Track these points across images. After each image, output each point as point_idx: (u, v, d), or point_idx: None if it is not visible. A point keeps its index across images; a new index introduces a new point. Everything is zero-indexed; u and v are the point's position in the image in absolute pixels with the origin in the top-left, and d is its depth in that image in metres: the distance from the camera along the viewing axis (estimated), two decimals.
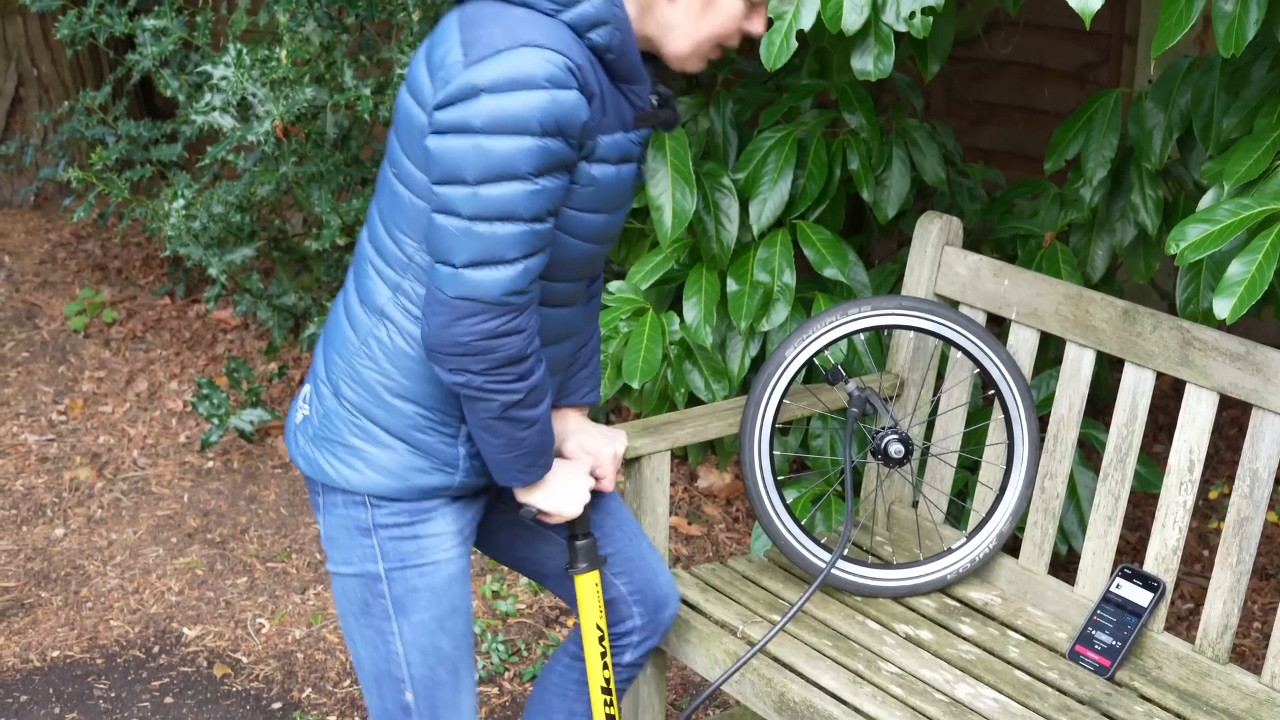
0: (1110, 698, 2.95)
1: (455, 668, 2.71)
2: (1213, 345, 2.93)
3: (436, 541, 2.62)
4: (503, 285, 2.35)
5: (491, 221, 2.33)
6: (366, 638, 2.67)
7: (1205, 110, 3.44)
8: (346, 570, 2.65)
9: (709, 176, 3.84)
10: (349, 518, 2.62)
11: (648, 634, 3.00)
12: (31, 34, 7.37)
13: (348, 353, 2.58)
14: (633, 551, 2.94)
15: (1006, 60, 5.90)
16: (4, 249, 6.91)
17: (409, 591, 2.63)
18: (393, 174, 2.51)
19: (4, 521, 4.85)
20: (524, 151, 2.30)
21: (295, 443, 2.68)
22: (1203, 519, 4.68)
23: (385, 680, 2.69)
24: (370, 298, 2.56)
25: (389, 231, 2.52)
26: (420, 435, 2.56)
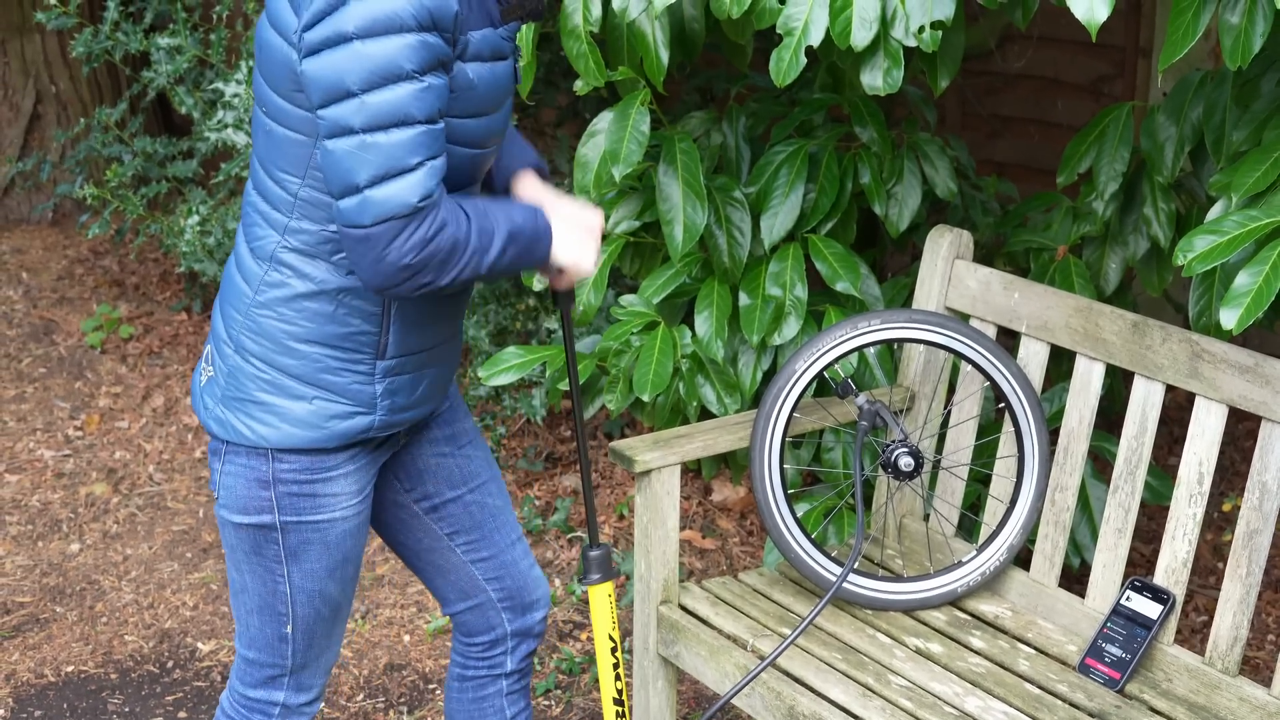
0: (1120, 710, 2.95)
1: (338, 605, 2.74)
2: (1222, 358, 2.93)
3: (334, 500, 2.62)
4: (413, 192, 2.30)
5: (388, 129, 2.27)
6: (255, 573, 2.68)
7: (1217, 123, 3.44)
8: (241, 519, 2.62)
9: (721, 191, 3.85)
10: (248, 467, 2.59)
11: (520, 639, 3.00)
12: (50, 51, 7.40)
13: (243, 305, 2.55)
14: (508, 556, 2.94)
15: (1021, 74, 5.90)
16: (22, 265, 6.94)
17: (302, 543, 2.63)
18: (263, 113, 2.46)
19: (20, 537, 4.87)
20: (405, 48, 2.25)
21: (204, 406, 2.64)
22: (1217, 531, 4.67)
23: (267, 611, 2.70)
24: (260, 245, 2.52)
25: (269, 173, 2.48)
26: (332, 378, 2.53)
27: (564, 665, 4.16)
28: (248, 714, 2.81)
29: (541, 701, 4.03)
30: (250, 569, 2.68)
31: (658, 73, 3.57)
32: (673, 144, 3.75)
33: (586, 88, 3.59)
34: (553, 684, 4.07)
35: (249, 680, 2.80)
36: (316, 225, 2.46)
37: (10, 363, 6.02)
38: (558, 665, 4.16)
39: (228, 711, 2.84)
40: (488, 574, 2.93)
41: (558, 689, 4.08)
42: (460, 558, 2.91)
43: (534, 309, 5.04)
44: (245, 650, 2.78)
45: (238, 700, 2.82)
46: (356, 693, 4.09)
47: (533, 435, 5.23)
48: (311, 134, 2.39)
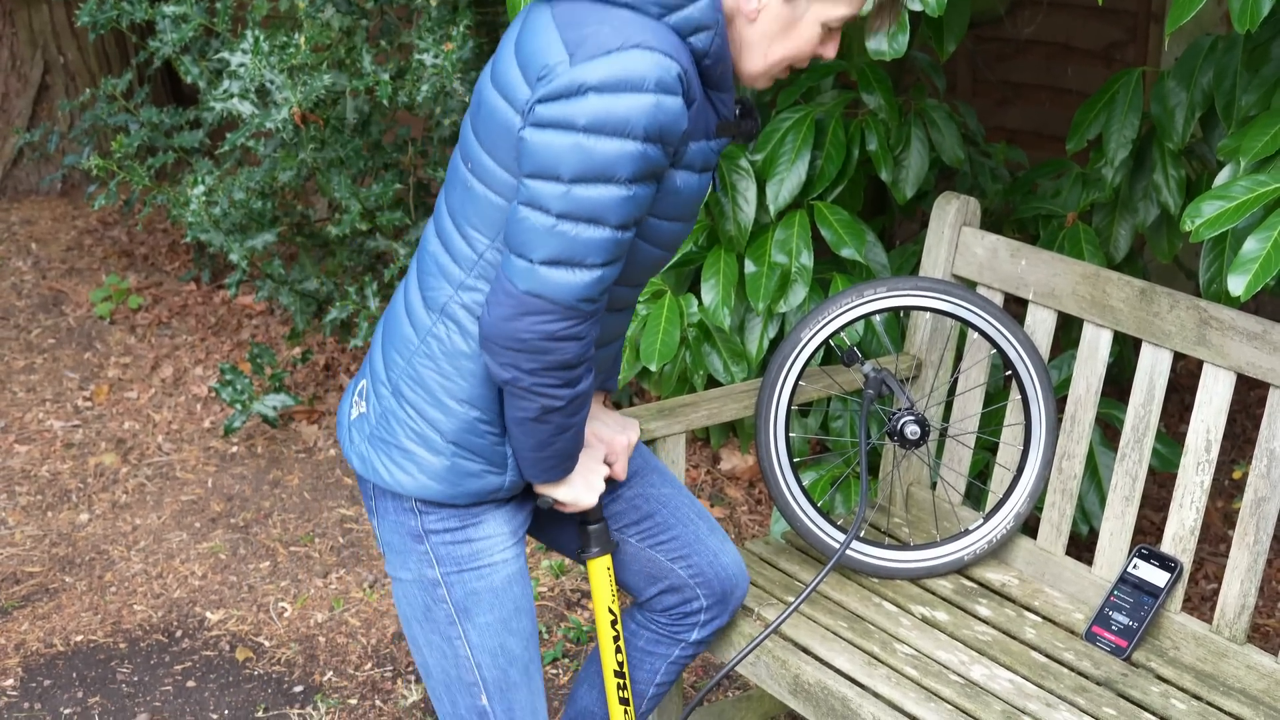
0: (1126, 678, 2.94)
1: (527, 669, 2.69)
2: (1230, 324, 2.91)
3: (489, 544, 2.60)
4: (576, 290, 2.32)
5: (579, 222, 2.29)
6: (432, 644, 2.65)
7: (1227, 88, 3.42)
8: (405, 576, 2.63)
9: (726, 158, 3.83)
10: (400, 524, 2.60)
11: (715, 614, 2.99)
12: (58, 21, 7.40)
13: (407, 352, 2.55)
14: (689, 535, 2.91)
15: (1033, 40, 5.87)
16: (31, 236, 6.94)
17: (469, 594, 2.60)
18: (467, 169, 2.46)
19: (29, 507, 4.87)
20: (625, 155, 2.27)
21: (349, 440, 2.65)
22: (1228, 498, 4.65)
23: (456, 686, 2.67)
24: (433, 296, 2.52)
25: (459, 228, 2.48)
26: (474, 439, 2.53)
27: (571, 634, 4.15)
28: None
29: (549, 670, 4.03)
30: (427, 640, 2.66)
31: None
32: None
33: None
34: (560, 653, 4.07)
35: None
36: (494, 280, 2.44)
37: (19, 333, 6.03)
38: (565, 634, 4.16)
39: None
40: (671, 555, 2.91)
41: (565, 658, 4.07)
42: (637, 545, 2.89)
43: None
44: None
45: None
46: (365, 661, 4.09)
47: None
48: (513, 198, 2.39)
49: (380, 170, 5.25)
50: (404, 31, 5.13)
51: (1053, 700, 2.85)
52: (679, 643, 3.01)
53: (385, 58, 5.03)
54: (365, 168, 5.13)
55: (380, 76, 4.65)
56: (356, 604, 4.33)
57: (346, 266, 5.46)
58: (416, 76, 4.61)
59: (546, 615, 4.26)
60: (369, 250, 5.38)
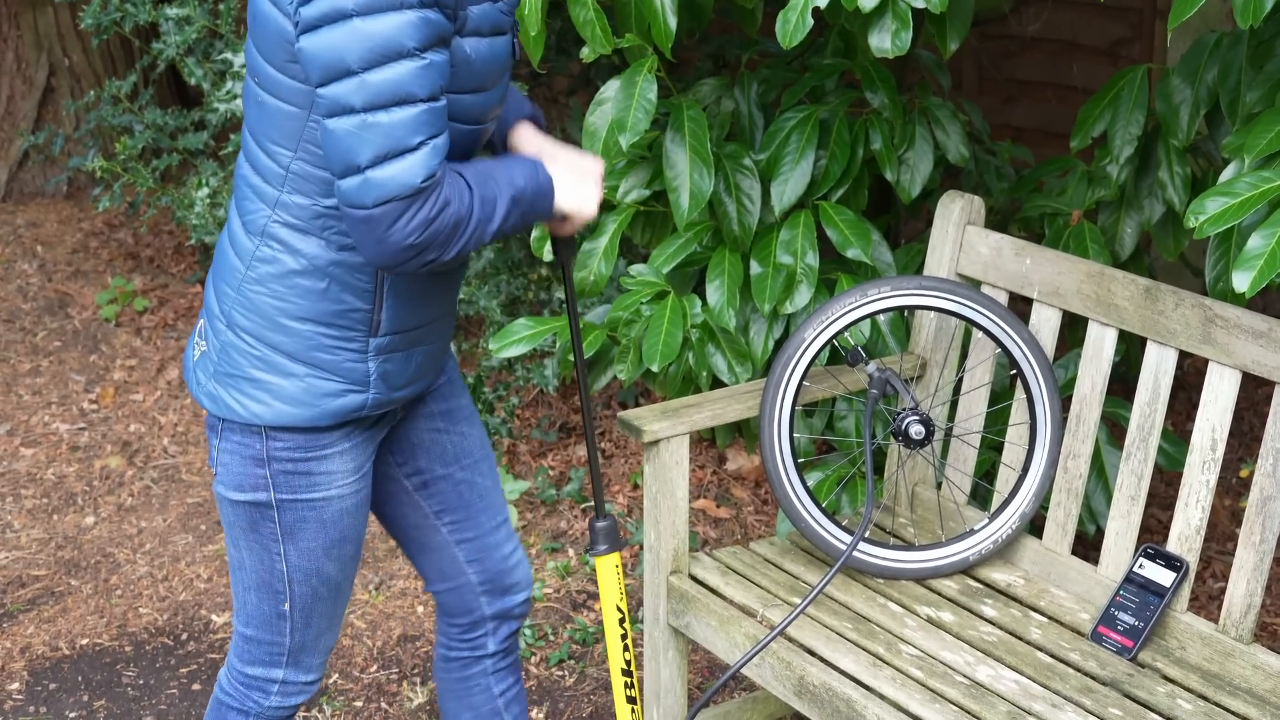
0: (1132, 679, 2.92)
1: (337, 585, 2.72)
2: (1235, 323, 2.90)
3: (329, 478, 2.60)
4: (415, 172, 2.26)
5: (389, 108, 2.24)
6: (253, 550, 2.66)
7: (1232, 85, 3.40)
8: (238, 497, 2.61)
9: (730, 158, 3.82)
10: (243, 445, 2.57)
11: (500, 621, 2.98)
12: (62, 24, 7.39)
13: (235, 280, 2.52)
14: (491, 539, 2.92)
15: (1038, 37, 5.85)
16: (36, 239, 6.94)
17: (298, 521, 2.61)
18: (255, 84, 2.42)
19: (35, 510, 4.87)
20: (406, 25, 2.22)
21: (196, 381, 2.62)
22: (1235, 497, 4.64)
23: (265, 589, 2.69)
24: (251, 219, 2.49)
25: (260, 145, 2.44)
26: (324, 355, 2.50)
27: (577, 635, 4.15)
28: (246, 691, 2.80)
29: (555, 672, 4.02)
30: (248, 546, 2.66)
31: (665, 39, 3.53)
32: (681, 111, 3.71)
33: (593, 55, 3.55)
34: (566, 654, 4.06)
35: (247, 657, 2.78)
36: (308, 199, 2.43)
37: (25, 336, 6.03)
38: (571, 635, 4.15)
39: (225, 688, 2.83)
40: (469, 556, 2.91)
41: (571, 659, 4.07)
42: (445, 537, 2.89)
43: (546, 279, 5.01)
44: (243, 628, 2.76)
45: (236, 677, 2.81)
46: (370, 664, 4.09)
47: (546, 405, 5.22)
48: (304, 106, 2.36)
49: None
50: None
51: (1058, 701, 2.84)
52: (481, 656, 3.01)
53: None
54: None
55: None
56: (361, 606, 4.33)
57: None
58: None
59: (552, 617, 4.25)
60: None
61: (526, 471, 4.91)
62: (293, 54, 2.31)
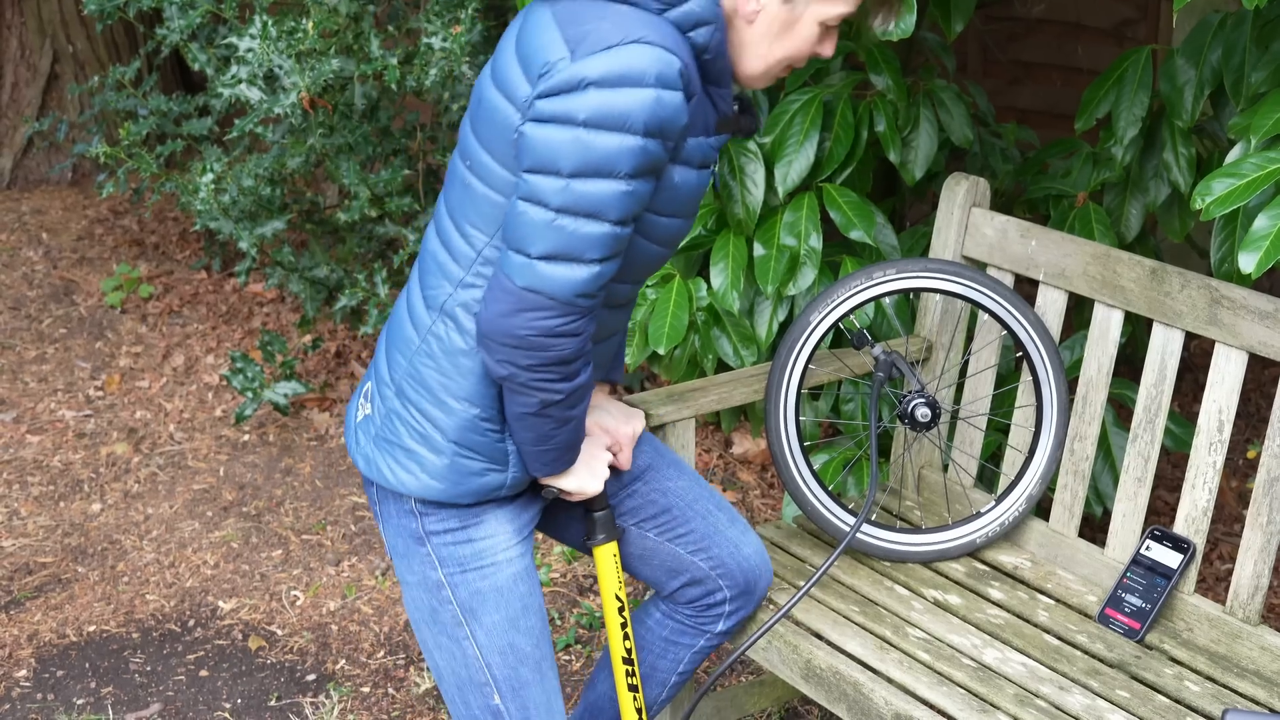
0: (1140, 660, 2.92)
1: (539, 666, 2.68)
2: (1241, 303, 2.89)
3: (492, 543, 2.60)
4: (575, 286, 2.32)
5: (578, 217, 2.29)
6: (441, 645, 2.65)
7: (1236, 65, 3.39)
8: (411, 579, 2.63)
9: (734, 141, 3.81)
10: (403, 527, 2.60)
11: (740, 605, 2.99)
12: (66, 10, 7.39)
13: (409, 351, 2.55)
14: (707, 528, 2.91)
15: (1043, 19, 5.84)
16: (42, 226, 6.94)
17: (474, 595, 2.60)
18: (465, 166, 2.47)
19: (42, 497, 4.87)
20: (625, 150, 2.27)
21: (355, 441, 2.65)
22: (1243, 478, 4.63)
23: (468, 687, 2.66)
24: (433, 294, 2.52)
25: (457, 225, 2.48)
26: (475, 436, 2.52)
27: (584, 620, 4.15)
28: None
29: (562, 656, 4.02)
30: (436, 642, 2.65)
31: None
32: None
33: None
34: (573, 639, 4.07)
35: None
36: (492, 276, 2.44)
37: (31, 323, 6.03)
38: (578, 620, 4.16)
39: None
40: (691, 548, 2.90)
41: (578, 644, 4.07)
42: (655, 540, 2.89)
43: None
44: None
45: None
46: (377, 650, 4.09)
47: None
48: (512, 195, 2.39)
49: (389, 156, 5.24)
50: (411, 16, 5.12)
51: (1066, 683, 2.84)
52: (704, 634, 3.01)
53: (393, 42, 5.02)
54: (374, 153, 5.12)
55: (388, 61, 4.64)
56: (369, 592, 4.33)
57: (356, 253, 5.45)
58: (425, 61, 4.60)
59: (559, 601, 4.25)
60: (379, 236, 5.36)
61: None
62: (513, 145, 2.35)
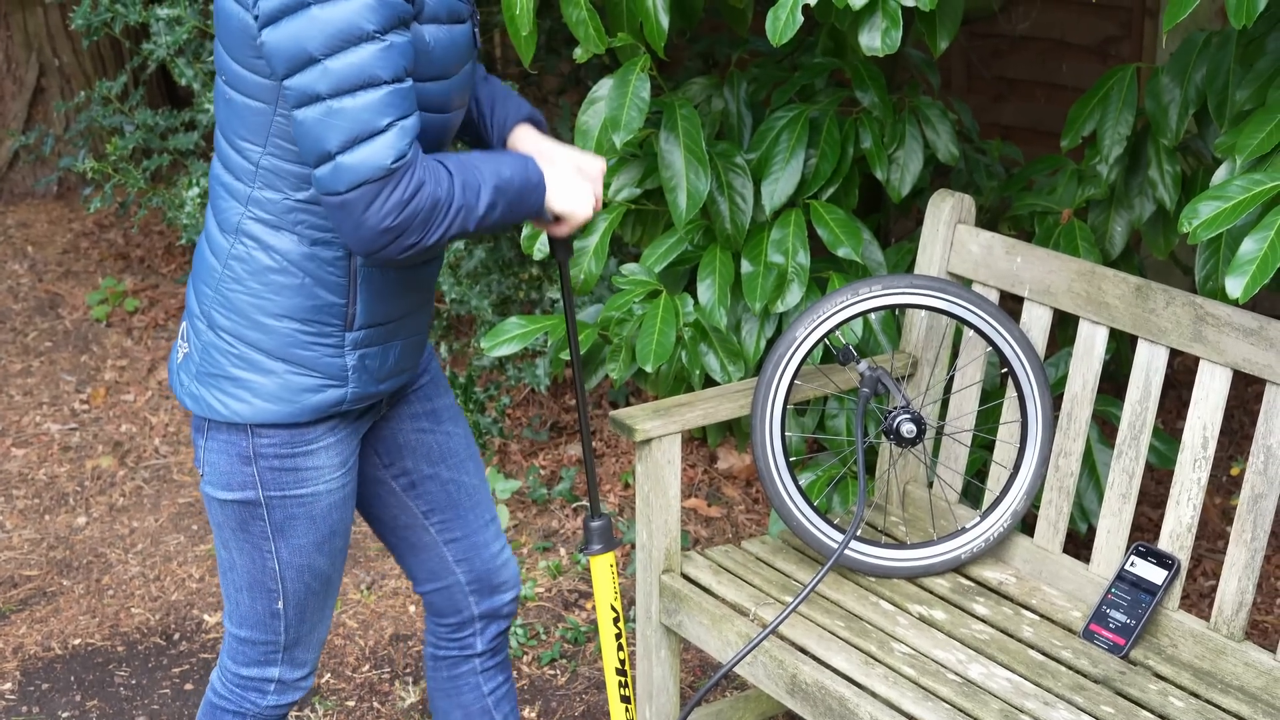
0: (1124, 676, 2.93)
1: (328, 579, 2.73)
2: (1226, 321, 2.90)
3: (317, 473, 2.60)
4: (385, 154, 2.28)
5: (354, 92, 2.26)
6: (243, 550, 2.66)
7: (1220, 85, 3.41)
8: (226, 496, 2.61)
9: (722, 157, 3.82)
10: (229, 443, 2.57)
11: (488, 620, 2.99)
12: (52, 24, 7.39)
13: (213, 279, 2.53)
14: (479, 538, 2.93)
15: (1027, 36, 5.86)
16: (27, 239, 6.93)
17: (288, 518, 2.61)
18: (223, 82, 2.44)
19: (27, 510, 4.87)
20: (364, 9, 2.23)
21: (180, 383, 2.62)
22: (1226, 495, 4.65)
23: (257, 587, 2.69)
24: (225, 217, 2.50)
25: (231, 143, 2.46)
26: (302, 351, 2.51)
27: (569, 635, 4.15)
28: (242, 692, 2.80)
29: (547, 671, 4.02)
30: (238, 546, 2.66)
31: (658, 38, 3.54)
32: (674, 110, 3.72)
33: (586, 55, 3.56)
34: (558, 653, 4.07)
35: (241, 659, 2.78)
36: (279, 194, 2.44)
37: (16, 337, 6.02)
38: (563, 635, 4.16)
39: (219, 691, 2.83)
40: (457, 555, 2.92)
41: (563, 658, 4.07)
42: (433, 537, 2.90)
43: (537, 278, 5.01)
44: (236, 629, 2.76)
45: (230, 680, 2.81)
46: (362, 664, 4.09)
47: (537, 405, 5.22)
48: (270, 101, 2.38)
49: None
50: None
51: (1050, 699, 2.85)
52: (469, 655, 3.01)
53: None
54: None
55: None
56: (354, 606, 4.33)
57: None
58: None
59: (544, 616, 4.25)
60: None
61: (518, 471, 4.91)
62: (256, 49, 2.33)
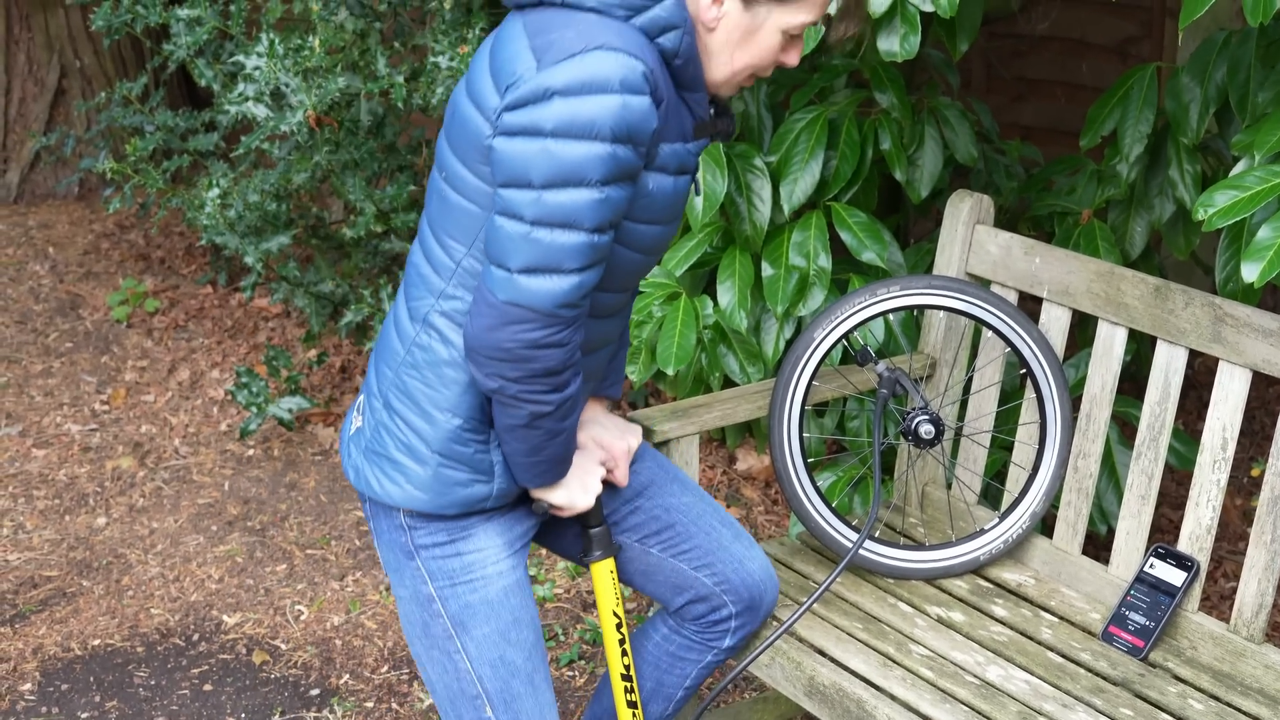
0: (1143, 679, 2.92)
1: (531, 679, 2.68)
2: (1245, 321, 2.89)
3: (481, 556, 2.60)
4: (556, 297, 2.32)
5: (553, 228, 2.29)
6: (434, 659, 2.66)
7: (1241, 83, 3.40)
8: (403, 594, 2.65)
9: (741, 159, 3.82)
10: (394, 541, 2.61)
11: (745, 621, 2.98)
12: (74, 26, 7.41)
13: (395, 363, 2.56)
14: (711, 544, 2.90)
15: (1047, 36, 5.85)
16: (48, 240, 6.95)
17: (464, 608, 2.60)
18: (442, 178, 2.48)
19: (47, 511, 4.88)
20: (593, 158, 2.26)
21: (348, 454, 2.67)
22: (1247, 496, 4.63)
23: (460, 700, 2.67)
24: (416, 306, 2.54)
25: (437, 238, 2.50)
26: (459, 448, 2.53)
27: (587, 636, 4.15)
28: None
29: (565, 672, 4.02)
30: (429, 656, 2.66)
31: None
32: None
33: None
34: (576, 654, 4.07)
35: None
36: (471, 295, 2.46)
37: (37, 337, 6.04)
38: (581, 636, 4.16)
39: None
40: (695, 564, 2.90)
41: (581, 659, 4.07)
42: (659, 556, 2.89)
43: None
44: None
45: None
46: (381, 664, 4.09)
47: None
48: (487, 208, 2.40)
49: (394, 172, 5.25)
50: (418, 34, 5.13)
51: (1069, 701, 2.84)
52: (711, 649, 3.01)
53: (399, 60, 5.03)
54: (380, 170, 5.13)
55: (395, 79, 4.65)
56: (373, 607, 4.33)
57: (362, 268, 5.45)
58: (431, 79, 4.61)
59: (563, 618, 4.25)
60: (384, 252, 5.38)
61: None
62: (485, 156, 2.37)
